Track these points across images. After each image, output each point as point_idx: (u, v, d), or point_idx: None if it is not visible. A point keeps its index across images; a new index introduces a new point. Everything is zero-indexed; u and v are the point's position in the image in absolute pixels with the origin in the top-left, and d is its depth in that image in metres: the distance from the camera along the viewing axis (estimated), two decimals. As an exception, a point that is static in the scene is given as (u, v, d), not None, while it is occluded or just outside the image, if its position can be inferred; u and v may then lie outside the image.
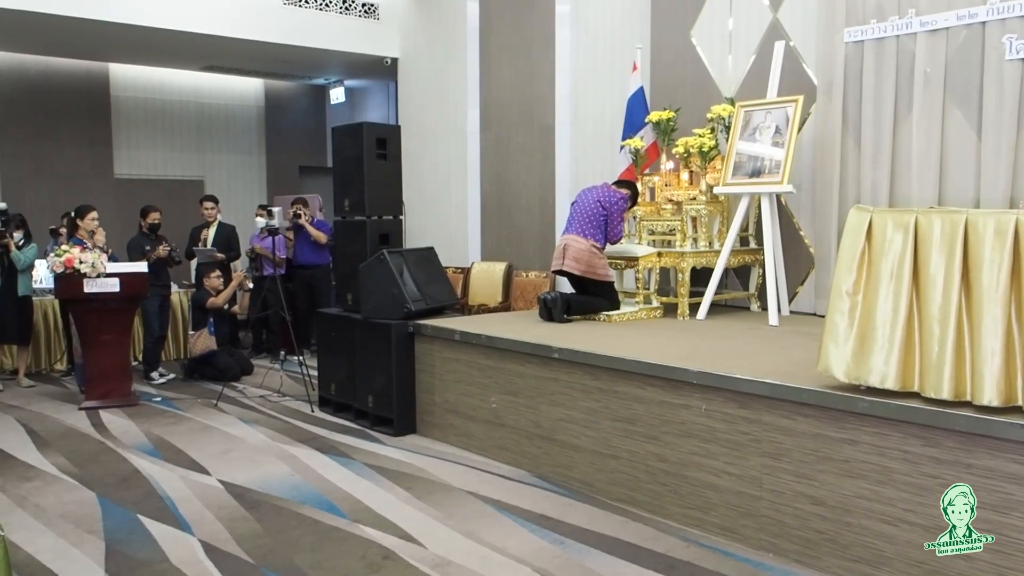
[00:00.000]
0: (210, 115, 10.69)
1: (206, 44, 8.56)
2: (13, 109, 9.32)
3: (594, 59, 7.19)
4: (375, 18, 9.22)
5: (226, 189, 9.99)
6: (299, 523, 3.98)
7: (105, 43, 8.67)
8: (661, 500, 3.96)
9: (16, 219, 7.19)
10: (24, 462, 5.03)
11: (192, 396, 6.87)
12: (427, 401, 5.54)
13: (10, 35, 8.33)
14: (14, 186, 9.28)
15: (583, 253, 5.47)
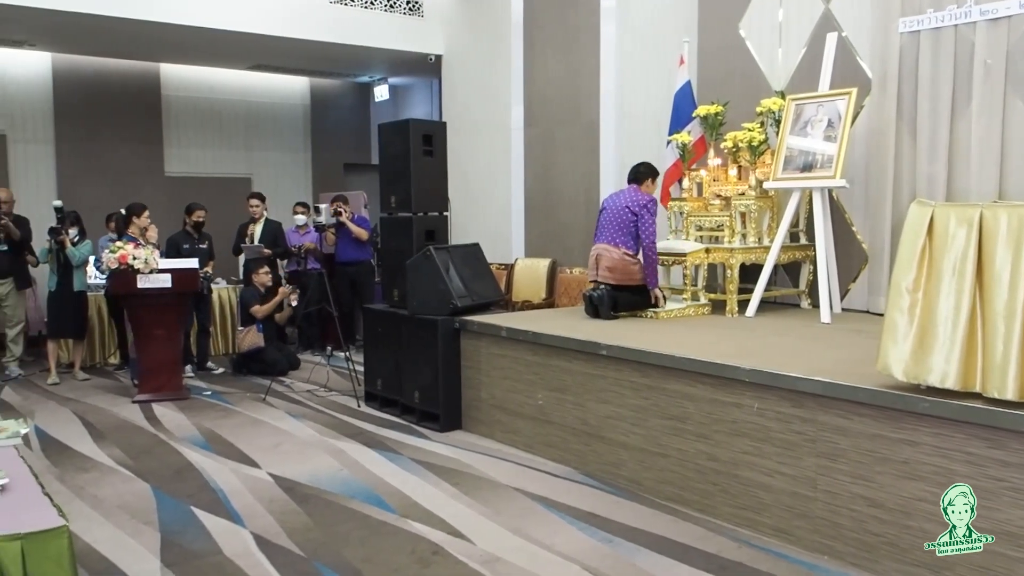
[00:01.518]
0: (257, 114, 10.82)
1: (254, 43, 8.65)
2: (69, 109, 9.52)
3: (640, 53, 7.12)
4: (419, 15, 9.24)
5: (273, 186, 10.08)
6: (348, 517, 4.00)
7: (157, 44, 8.82)
8: (711, 499, 3.91)
9: (71, 216, 7.35)
10: (81, 453, 5.15)
11: (241, 390, 6.97)
12: (473, 397, 5.54)
13: (67, 37, 8.52)
14: (69, 184, 9.49)
15: (616, 263, 5.42)
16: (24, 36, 8.48)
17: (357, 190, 10.17)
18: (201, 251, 7.48)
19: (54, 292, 7.29)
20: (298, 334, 8.85)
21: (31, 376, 7.57)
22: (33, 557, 1.98)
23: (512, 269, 8.20)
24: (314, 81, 11.21)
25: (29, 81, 9.34)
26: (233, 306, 8.62)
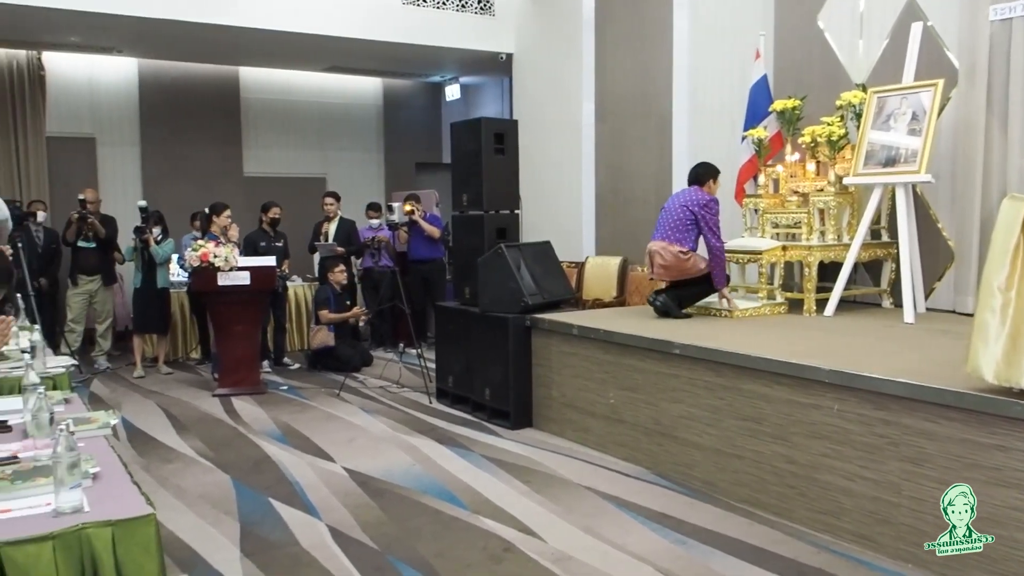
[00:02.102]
0: (332, 115, 11.02)
1: (330, 46, 8.81)
2: (154, 113, 9.86)
3: (714, 47, 7.00)
4: (491, 14, 9.28)
5: (346, 185, 10.24)
6: (421, 512, 4.04)
7: (237, 48, 9.06)
8: (789, 503, 3.82)
9: (155, 215, 7.62)
10: (165, 444, 5.32)
11: (316, 386, 7.11)
12: (544, 395, 5.54)
13: (152, 44, 8.82)
14: (153, 184, 9.83)
15: (670, 261, 5.31)
16: (113, 43, 8.81)
17: (428, 189, 10.27)
18: (277, 249, 7.65)
19: (139, 289, 7.56)
20: (371, 331, 8.99)
21: (118, 369, 7.87)
22: (123, 543, 2.05)
23: (582, 267, 8.16)
24: (387, 82, 11.36)
25: (117, 86, 9.70)
26: (308, 303, 8.80)
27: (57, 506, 2.09)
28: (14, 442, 2.76)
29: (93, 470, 2.37)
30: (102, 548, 2.02)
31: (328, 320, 7.74)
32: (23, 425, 2.89)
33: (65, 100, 9.43)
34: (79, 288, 7.77)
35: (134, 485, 2.33)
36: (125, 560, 2.04)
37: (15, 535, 1.98)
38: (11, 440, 2.80)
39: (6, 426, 2.97)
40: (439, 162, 11.63)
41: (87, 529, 2.01)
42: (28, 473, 2.36)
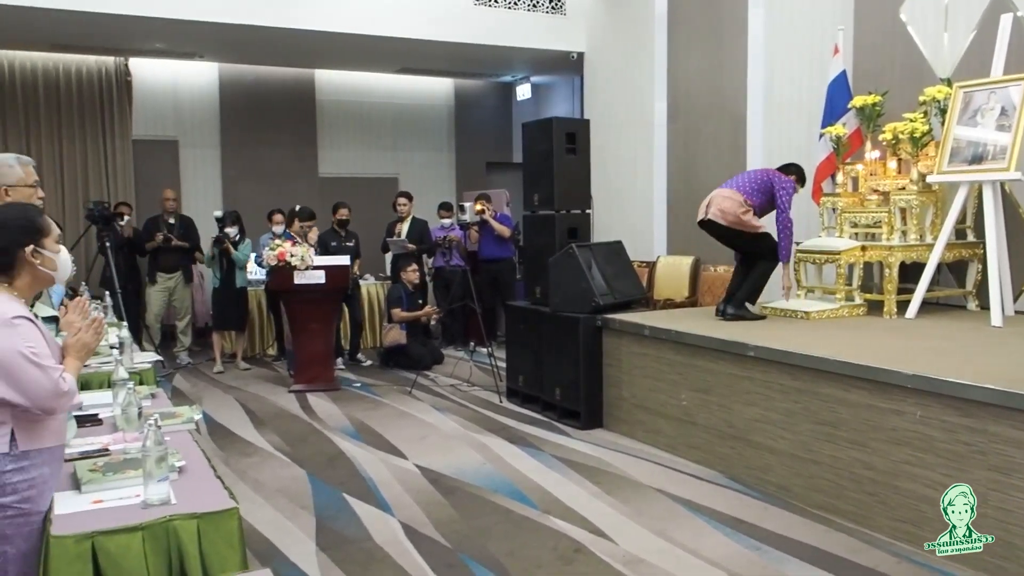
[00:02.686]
0: (404, 115, 11.16)
1: (402, 47, 8.92)
2: (233, 116, 10.15)
3: (790, 43, 6.85)
4: (562, 13, 9.26)
5: (418, 185, 10.35)
6: (492, 511, 4.07)
7: (312, 51, 9.25)
8: (867, 510, 3.72)
9: (232, 216, 7.84)
10: (244, 439, 5.48)
11: (388, 383, 7.21)
12: (615, 396, 5.51)
13: (232, 48, 9.08)
14: (232, 185, 10.12)
15: (731, 206, 5.15)
16: (195, 49, 9.10)
17: (499, 188, 10.31)
18: (348, 249, 7.78)
19: (218, 288, 7.79)
20: (442, 330, 9.07)
21: (199, 365, 8.12)
22: (207, 535, 2.12)
23: (654, 267, 8.09)
24: (458, 82, 11.45)
25: (199, 90, 10.01)
26: (381, 302, 8.94)
27: (146, 498, 2.18)
28: (104, 435, 2.89)
29: (179, 464, 2.46)
30: (188, 540, 2.10)
31: (400, 319, 7.84)
32: (113, 419, 3.01)
33: (150, 104, 9.77)
34: (158, 285, 8.06)
35: (217, 479, 2.41)
36: (209, 552, 2.12)
37: (107, 525, 2.07)
38: (102, 433, 2.93)
39: (97, 419, 3.11)
40: (509, 161, 11.67)
41: (174, 521, 2.10)
42: (118, 465, 2.46)
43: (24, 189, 3.11)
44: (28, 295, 2.31)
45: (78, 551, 2.02)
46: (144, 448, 2.18)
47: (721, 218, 5.21)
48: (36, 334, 2.18)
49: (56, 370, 2.16)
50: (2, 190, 3.08)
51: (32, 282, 2.28)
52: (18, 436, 2.17)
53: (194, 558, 2.09)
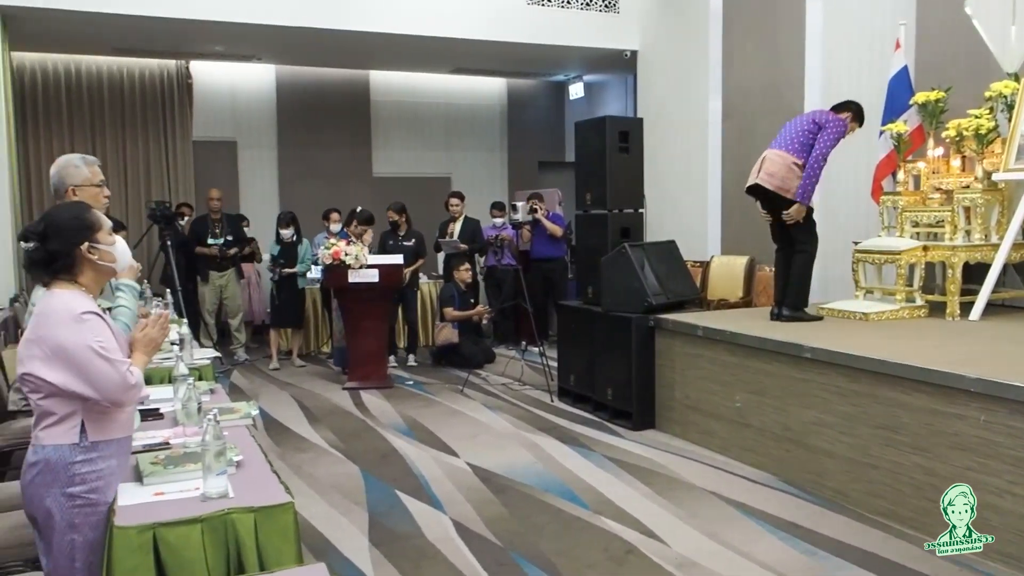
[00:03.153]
0: (457, 115, 11.22)
1: (456, 48, 8.97)
2: (290, 117, 10.32)
3: (849, 38, 6.71)
4: (615, 12, 9.21)
5: (470, 185, 10.40)
6: (543, 510, 4.07)
7: (367, 52, 9.36)
8: (929, 517, 3.62)
9: (287, 217, 7.96)
10: (299, 435, 5.57)
11: (440, 381, 7.26)
12: (667, 396, 5.46)
13: (289, 50, 9.24)
14: (289, 186, 10.29)
15: (779, 167, 5.03)
16: (253, 51, 9.28)
17: (551, 187, 10.30)
18: (405, 248, 7.84)
19: (277, 287, 7.93)
20: (493, 329, 9.10)
21: (255, 361, 8.27)
22: (264, 529, 2.16)
23: (707, 267, 7.99)
24: (511, 81, 11.47)
25: (257, 92, 10.20)
26: (433, 300, 9.00)
27: (205, 491, 2.23)
28: (165, 429, 2.96)
29: (236, 458, 2.51)
30: (245, 533, 2.14)
31: (452, 318, 7.89)
32: (173, 413, 3.09)
33: (210, 106, 9.99)
34: (210, 283, 8.23)
35: (274, 474, 2.45)
36: (266, 545, 2.15)
37: (168, 517, 2.12)
38: (162, 427, 3.01)
39: (158, 413, 3.19)
40: (561, 161, 11.66)
41: (232, 514, 2.14)
42: (179, 459, 2.52)
43: (90, 188, 3.21)
44: (95, 289, 2.38)
45: (140, 541, 2.07)
46: (204, 442, 2.23)
47: (769, 182, 5.06)
48: (104, 329, 2.25)
49: (124, 363, 2.22)
50: (69, 189, 3.17)
51: (95, 276, 2.35)
52: (88, 428, 2.24)
53: (251, 551, 2.13)
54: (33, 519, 2.32)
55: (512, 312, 8.56)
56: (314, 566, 1.95)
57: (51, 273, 2.30)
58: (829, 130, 5.00)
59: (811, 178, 5.00)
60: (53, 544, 2.27)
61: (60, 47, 8.91)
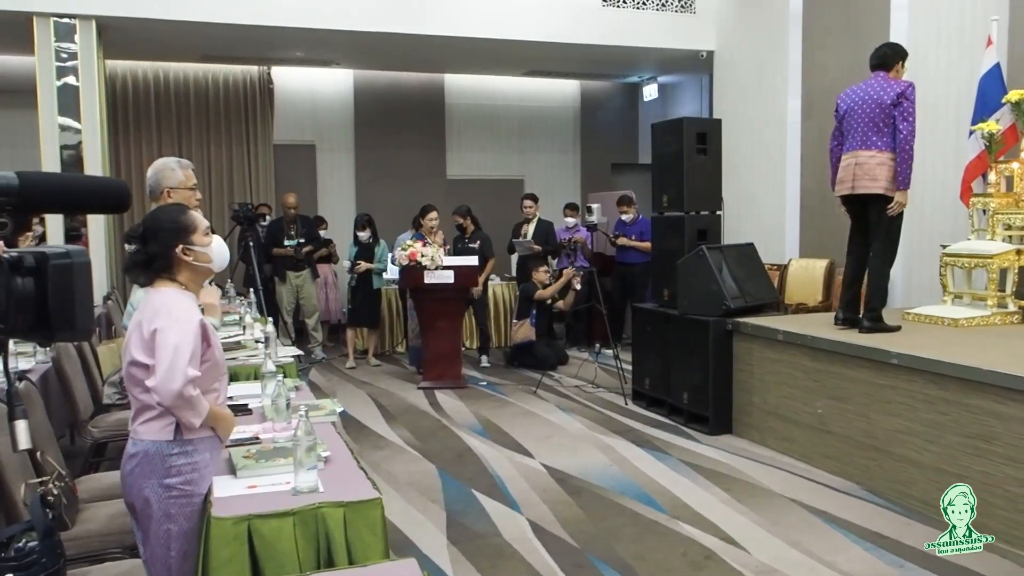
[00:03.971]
0: (530, 118, 11.26)
1: (530, 50, 9.00)
2: (367, 120, 10.51)
3: (937, 35, 6.50)
4: (691, 12, 9.11)
5: (543, 187, 10.42)
6: (619, 513, 4.05)
7: (443, 56, 9.47)
8: (1021, 530, 3.50)
9: (363, 219, 8.10)
10: (376, 432, 5.67)
11: (513, 382, 7.29)
12: (745, 401, 5.38)
13: (367, 55, 9.40)
14: (365, 187, 10.49)
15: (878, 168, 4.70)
16: (333, 56, 9.47)
17: (624, 189, 10.24)
18: (469, 251, 7.87)
19: (354, 287, 8.09)
20: (566, 331, 9.10)
21: (332, 360, 8.44)
22: (352, 524, 2.21)
23: (785, 270, 7.84)
24: (584, 83, 11.45)
25: (336, 96, 10.42)
26: (506, 302, 9.05)
27: (296, 485, 2.29)
28: (255, 424, 3.05)
29: (325, 454, 2.57)
30: (335, 527, 2.19)
31: (547, 293, 7.88)
32: (262, 409, 3.18)
33: (290, 110, 10.24)
34: (287, 283, 8.42)
35: (361, 470, 2.50)
36: (354, 540, 2.21)
37: (261, 510, 2.19)
38: (252, 422, 3.10)
39: (247, 409, 3.29)
40: (635, 162, 11.58)
41: (322, 508, 2.20)
42: (269, 453, 2.60)
43: (184, 191, 3.33)
44: (195, 288, 2.47)
45: (235, 532, 2.15)
46: (295, 438, 2.29)
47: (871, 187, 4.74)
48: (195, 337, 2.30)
49: (192, 379, 2.26)
50: (165, 191, 3.30)
51: (193, 275, 2.44)
52: (182, 425, 2.33)
53: (340, 545, 2.19)
54: (132, 508, 2.43)
55: (586, 314, 8.55)
56: (404, 561, 1.99)
57: (151, 273, 2.39)
58: (906, 105, 4.70)
59: (907, 162, 4.70)
60: (150, 533, 2.36)
61: (151, 55, 9.26)
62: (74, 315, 0.88)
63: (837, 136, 5.06)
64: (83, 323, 0.89)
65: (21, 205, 0.85)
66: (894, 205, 4.75)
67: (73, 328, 0.89)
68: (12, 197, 0.84)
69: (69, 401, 4.11)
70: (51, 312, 0.86)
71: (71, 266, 0.88)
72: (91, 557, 2.76)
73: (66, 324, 0.88)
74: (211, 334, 2.39)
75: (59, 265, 0.87)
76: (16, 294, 0.85)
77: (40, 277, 0.86)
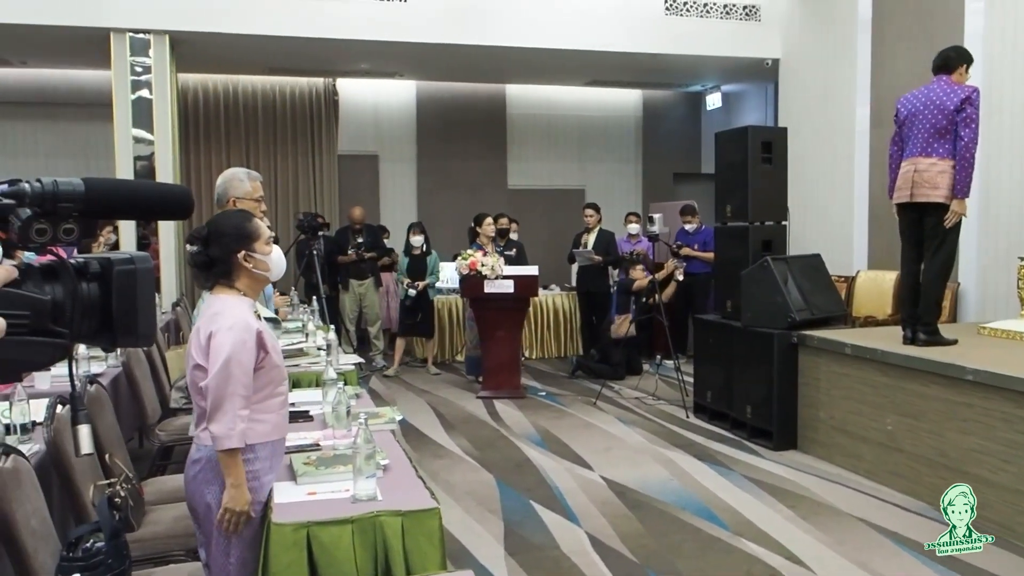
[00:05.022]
0: (591, 127, 11.22)
1: (592, 60, 8.97)
2: (429, 131, 10.61)
3: (1012, 42, 6.27)
4: (756, 20, 8.98)
5: (604, 196, 10.36)
6: (680, 528, 3.98)
7: (504, 67, 9.51)
8: (1110, 558, 3.32)
9: (418, 226, 8.12)
10: (435, 441, 5.68)
11: (573, 393, 7.24)
12: (810, 416, 5.24)
13: (430, 66, 9.50)
14: (426, 196, 10.58)
15: (938, 177, 4.52)
16: (396, 68, 9.60)
17: (686, 199, 10.12)
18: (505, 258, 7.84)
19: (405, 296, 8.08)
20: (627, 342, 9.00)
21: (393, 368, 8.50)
22: (410, 533, 2.21)
23: (853, 281, 7.63)
24: (646, 93, 11.37)
25: (398, 107, 10.55)
26: (565, 311, 9.02)
27: (355, 493, 2.30)
28: (315, 430, 3.08)
29: (384, 462, 2.58)
30: (392, 535, 2.19)
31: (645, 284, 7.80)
32: (322, 415, 3.21)
33: (354, 121, 10.40)
34: (350, 291, 8.51)
35: (419, 479, 2.50)
36: (412, 549, 2.20)
37: (321, 517, 2.20)
38: (312, 428, 3.13)
39: (308, 416, 3.32)
40: (698, 172, 11.45)
41: (381, 517, 2.20)
42: (329, 460, 2.62)
43: (249, 202, 3.38)
44: (252, 295, 2.50)
45: (295, 539, 2.16)
46: (355, 445, 2.30)
47: (930, 196, 4.58)
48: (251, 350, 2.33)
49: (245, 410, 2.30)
50: (231, 200, 3.36)
51: (251, 283, 2.47)
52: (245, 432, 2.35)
53: (398, 553, 2.19)
54: (194, 512, 2.47)
55: (647, 325, 8.45)
56: (462, 572, 1.98)
57: (211, 277, 2.43)
58: (969, 111, 4.51)
59: (966, 170, 4.52)
60: (211, 538, 2.40)
61: (221, 68, 9.52)
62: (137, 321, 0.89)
63: (897, 142, 4.91)
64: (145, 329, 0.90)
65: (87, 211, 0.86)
66: (951, 215, 4.57)
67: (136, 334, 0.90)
68: (78, 203, 0.85)
69: (138, 405, 4.22)
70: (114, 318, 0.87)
71: (135, 271, 0.89)
72: (155, 559, 2.82)
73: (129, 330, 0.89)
74: (268, 341, 2.41)
75: (123, 271, 0.88)
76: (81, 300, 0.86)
77: (104, 283, 0.87)
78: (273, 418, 2.43)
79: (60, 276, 0.85)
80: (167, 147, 7.55)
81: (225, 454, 2.27)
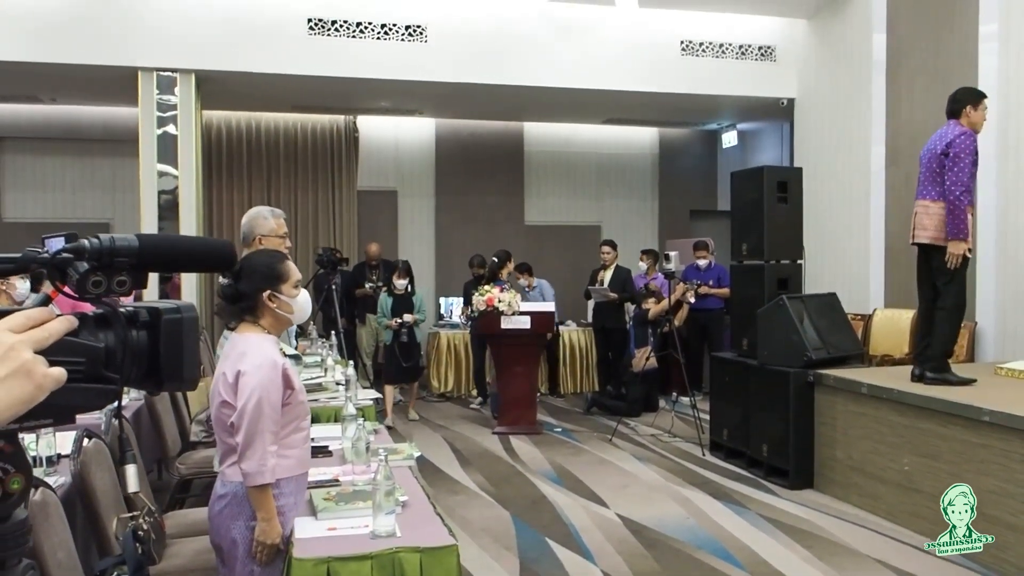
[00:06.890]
0: (608, 165, 11.31)
1: (609, 99, 9.09)
2: (448, 167, 10.74)
3: (1030, 80, 6.32)
4: (772, 60, 9.08)
5: (621, 233, 10.42)
6: (696, 568, 3.97)
7: (523, 105, 9.65)
8: None
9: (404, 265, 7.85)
10: (451, 477, 5.70)
11: (588, 429, 7.25)
12: (827, 456, 5.23)
13: (449, 104, 9.65)
14: (444, 232, 10.68)
15: (929, 218, 4.68)
16: (416, 106, 9.75)
17: (703, 236, 10.16)
18: None
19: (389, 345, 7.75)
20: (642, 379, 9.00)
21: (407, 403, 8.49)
22: (428, 569, 2.24)
23: (870, 320, 7.63)
24: (663, 131, 11.47)
25: (418, 144, 10.70)
26: (582, 347, 9.04)
27: (374, 529, 2.34)
28: (335, 466, 3.12)
29: (403, 498, 2.61)
30: (411, 571, 2.22)
31: (657, 310, 7.82)
32: (342, 451, 3.25)
33: (374, 158, 10.54)
34: (367, 326, 8.57)
35: (437, 516, 2.53)
36: (430, 585, 2.23)
37: (341, 552, 2.24)
38: (331, 464, 3.17)
39: (327, 451, 3.36)
40: (714, 209, 11.50)
41: (399, 553, 2.23)
42: (349, 496, 2.65)
43: (274, 239, 3.47)
44: (276, 333, 2.57)
45: (316, 573, 2.20)
46: (375, 481, 2.34)
47: (923, 236, 4.75)
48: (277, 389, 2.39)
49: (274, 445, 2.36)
50: (257, 238, 3.45)
51: (274, 322, 2.53)
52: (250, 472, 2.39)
53: (416, 589, 2.21)
54: (218, 547, 2.51)
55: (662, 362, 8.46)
56: (478, 609, 2.00)
57: (236, 312, 2.49)
58: (952, 155, 4.60)
59: (953, 214, 4.59)
60: (236, 572, 2.44)
61: (244, 105, 9.70)
62: (182, 366, 0.95)
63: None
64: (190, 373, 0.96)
65: (139, 265, 0.92)
66: (949, 257, 4.65)
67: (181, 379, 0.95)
68: (132, 257, 0.91)
69: (159, 437, 4.28)
70: (162, 363, 0.93)
71: (181, 320, 0.95)
72: (177, 592, 2.85)
73: (175, 375, 0.94)
74: (293, 377, 2.47)
75: (171, 320, 0.94)
76: (131, 346, 0.92)
77: (153, 331, 0.94)
78: (297, 453, 2.48)
79: (112, 324, 0.92)
80: (191, 182, 7.70)
81: (256, 490, 2.32)
